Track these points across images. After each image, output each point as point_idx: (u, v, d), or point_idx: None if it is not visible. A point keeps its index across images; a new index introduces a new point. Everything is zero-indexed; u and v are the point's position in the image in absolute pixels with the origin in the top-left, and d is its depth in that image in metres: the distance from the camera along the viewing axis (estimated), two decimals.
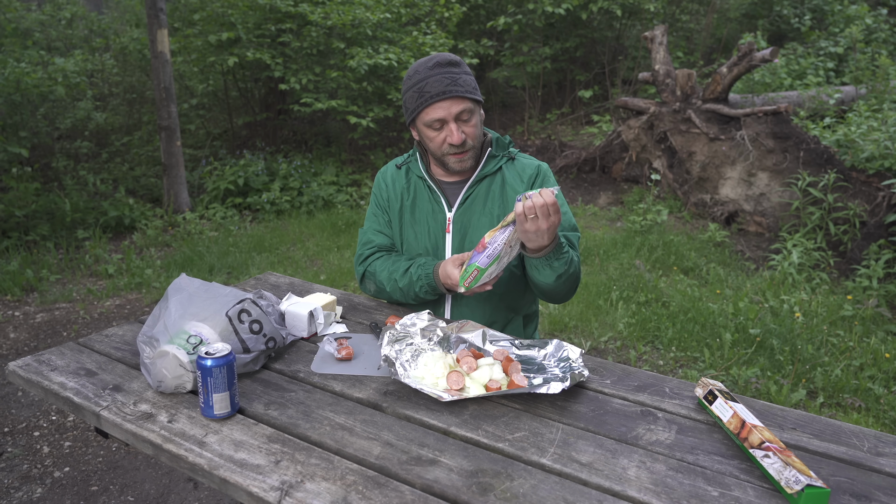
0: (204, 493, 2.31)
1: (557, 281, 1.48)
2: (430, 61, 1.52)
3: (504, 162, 1.65)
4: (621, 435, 1.10)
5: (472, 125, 1.54)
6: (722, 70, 5.66)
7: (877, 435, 1.13)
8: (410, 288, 1.59)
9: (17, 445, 2.59)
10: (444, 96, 1.48)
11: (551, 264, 1.43)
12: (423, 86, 1.50)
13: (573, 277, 1.52)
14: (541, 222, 1.30)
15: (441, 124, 1.52)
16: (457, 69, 1.51)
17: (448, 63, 1.51)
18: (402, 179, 1.71)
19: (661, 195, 5.94)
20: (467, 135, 1.54)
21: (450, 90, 1.48)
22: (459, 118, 1.52)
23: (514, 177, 1.64)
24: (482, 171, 1.63)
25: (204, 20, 6.74)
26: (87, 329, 3.70)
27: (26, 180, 5.60)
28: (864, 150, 4.84)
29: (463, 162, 1.58)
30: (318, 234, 5.49)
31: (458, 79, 1.50)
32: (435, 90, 1.49)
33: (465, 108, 1.51)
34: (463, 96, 1.50)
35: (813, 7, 9.44)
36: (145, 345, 1.23)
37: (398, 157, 1.77)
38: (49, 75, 5.87)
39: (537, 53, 8.53)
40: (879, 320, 3.53)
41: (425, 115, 1.52)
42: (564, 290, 1.55)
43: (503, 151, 1.67)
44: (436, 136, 1.54)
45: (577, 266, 1.53)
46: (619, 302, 3.90)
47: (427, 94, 1.50)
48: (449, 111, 1.50)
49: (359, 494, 0.93)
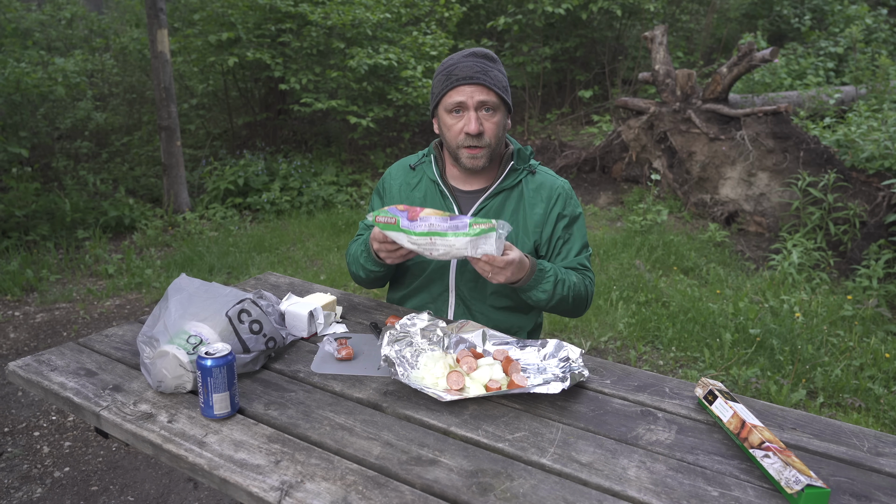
0: (204, 493, 2.31)
1: (550, 303, 1.48)
2: (467, 51, 1.50)
3: (524, 176, 1.59)
4: (621, 435, 1.10)
5: (493, 122, 1.49)
6: (722, 70, 5.66)
7: (877, 435, 1.13)
8: (359, 258, 1.59)
9: (17, 445, 2.59)
10: (469, 81, 1.45)
11: (529, 295, 1.45)
12: (453, 69, 1.47)
13: (572, 300, 1.50)
14: (490, 276, 1.34)
15: (462, 109, 1.47)
16: (490, 63, 1.49)
17: (483, 56, 1.49)
18: (412, 180, 1.65)
19: (661, 195, 5.94)
20: (486, 129, 1.48)
21: (477, 77, 1.45)
22: (481, 108, 1.47)
23: (532, 195, 1.58)
24: (501, 184, 1.57)
25: (204, 20, 6.74)
26: (87, 329, 3.70)
27: (26, 180, 5.60)
28: (864, 150, 4.84)
29: (475, 159, 1.50)
30: (318, 234, 5.49)
31: (489, 70, 1.47)
32: (462, 74, 1.45)
33: (489, 99, 1.46)
34: (490, 87, 1.46)
35: (813, 7, 9.44)
36: (145, 345, 1.23)
37: (411, 157, 1.71)
38: (49, 75, 5.87)
39: (537, 53, 8.53)
40: (879, 320, 3.53)
41: (448, 98, 1.48)
42: (564, 310, 1.54)
43: (524, 164, 1.61)
44: (454, 123, 1.49)
45: (579, 288, 1.51)
46: (619, 302, 3.90)
47: (454, 77, 1.46)
48: (472, 97, 1.45)
49: (359, 494, 0.93)
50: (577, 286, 1.51)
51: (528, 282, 1.42)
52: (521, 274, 1.38)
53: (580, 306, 1.56)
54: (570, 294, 1.49)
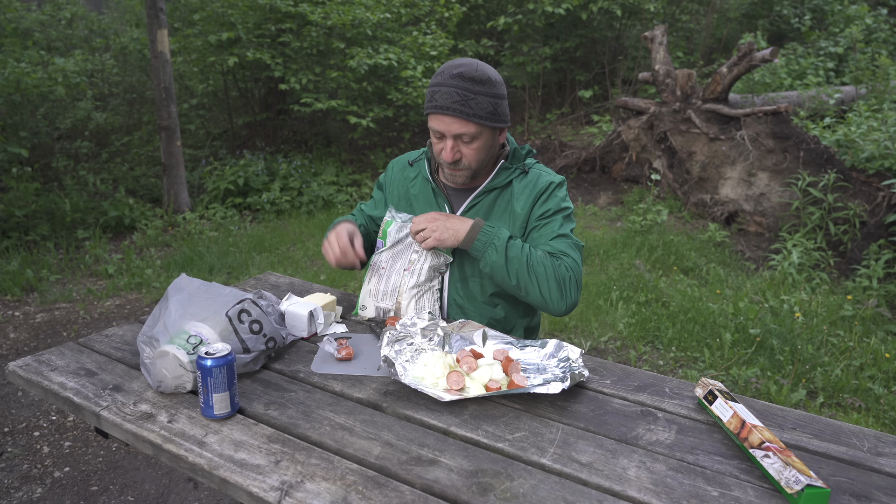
0: (204, 493, 2.31)
1: (512, 272, 1.43)
2: (456, 68, 1.42)
3: (516, 175, 1.58)
4: (621, 435, 1.10)
5: (472, 148, 1.46)
6: (722, 70, 5.66)
7: (877, 435, 1.13)
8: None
9: (17, 445, 2.59)
10: (446, 112, 1.41)
11: (486, 259, 1.46)
12: (435, 92, 1.43)
13: (545, 275, 1.43)
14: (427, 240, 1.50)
15: (440, 135, 1.47)
16: (475, 87, 1.41)
17: (470, 78, 1.41)
18: (410, 175, 1.69)
19: (661, 195, 5.94)
20: (464, 155, 1.47)
21: (454, 108, 1.41)
22: (459, 138, 1.45)
23: (522, 191, 1.56)
24: (491, 182, 1.57)
25: (204, 20, 6.74)
26: (87, 329, 3.70)
27: (26, 180, 5.60)
28: (864, 150, 4.84)
29: (455, 177, 1.53)
30: (318, 234, 5.49)
31: (470, 99, 1.40)
32: (441, 102, 1.41)
33: (465, 131, 1.43)
34: (467, 119, 1.41)
35: (813, 7, 9.43)
36: (145, 345, 1.23)
37: (412, 153, 1.73)
38: (49, 75, 5.87)
39: (537, 53, 8.53)
40: (879, 320, 3.53)
41: (429, 120, 1.48)
42: (542, 288, 1.44)
43: (517, 164, 1.59)
44: (436, 143, 1.51)
45: (545, 263, 1.44)
46: (619, 302, 3.90)
47: (433, 103, 1.44)
48: (448, 128, 1.43)
49: (359, 494, 0.93)
50: (544, 260, 1.44)
51: (476, 237, 1.46)
52: (456, 224, 1.48)
53: (561, 285, 1.44)
54: (537, 265, 1.43)
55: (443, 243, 1.48)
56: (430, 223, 1.48)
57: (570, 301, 1.46)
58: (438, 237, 1.47)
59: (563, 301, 1.45)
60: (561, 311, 1.48)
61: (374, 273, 1.58)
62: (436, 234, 1.47)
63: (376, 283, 1.57)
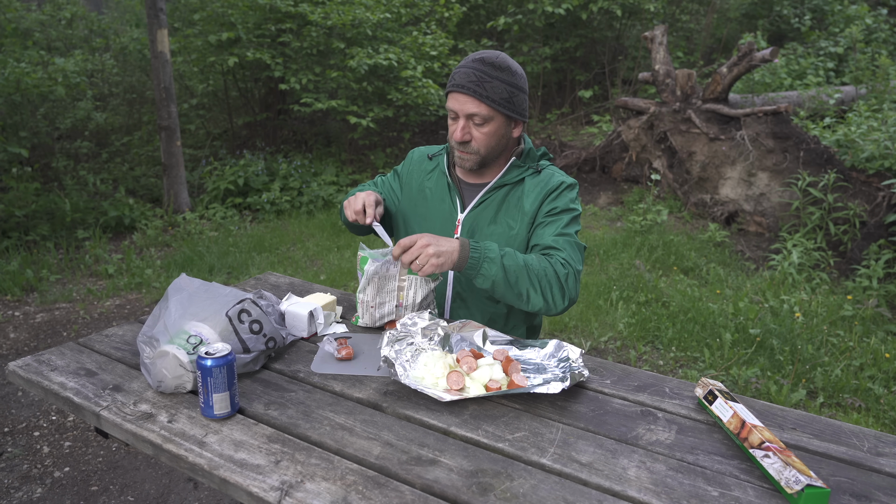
0: (204, 493, 2.31)
1: (509, 280, 1.39)
2: (479, 54, 1.47)
3: (529, 174, 1.58)
4: (621, 435, 1.10)
5: (483, 131, 1.48)
6: (722, 70, 5.66)
7: (877, 435, 1.13)
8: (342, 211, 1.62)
9: (17, 445, 2.59)
10: (461, 90, 1.45)
11: (482, 272, 1.38)
12: (456, 73, 1.48)
13: (536, 277, 1.40)
14: (422, 268, 1.37)
15: (455, 115, 1.49)
16: (493, 71, 1.44)
17: (490, 63, 1.45)
18: (428, 167, 1.70)
19: (661, 195, 5.94)
20: (474, 138, 1.49)
21: (469, 87, 1.44)
22: (471, 119, 1.47)
23: (532, 188, 1.56)
24: (501, 178, 1.58)
25: (204, 20, 6.74)
26: (87, 329, 3.70)
27: (26, 180, 5.60)
28: (864, 150, 4.84)
29: (463, 161, 1.53)
30: (318, 234, 5.49)
31: (486, 81, 1.43)
32: (458, 81, 1.45)
33: (477, 111, 1.45)
34: (480, 99, 1.44)
35: (813, 7, 9.44)
36: (145, 345, 1.23)
37: (433, 147, 1.75)
38: (49, 75, 5.87)
39: (537, 53, 8.53)
40: (879, 320, 3.53)
41: (448, 100, 1.51)
42: (535, 290, 1.41)
43: (531, 163, 1.60)
44: (451, 124, 1.53)
45: (532, 263, 1.40)
46: (619, 302, 3.90)
47: (451, 82, 1.48)
48: (461, 107, 1.46)
49: (359, 494, 0.93)
50: (541, 262, 1.42)
51: (468, 255, 1.37)
52: (446, 246, 1.35)
53: (561, 285, 1.42)
54: (536, 269, 1.40)
55: (441, 268, 1.37)
56: (423, 249, 1.35)
57: (570, 297, 1.45)
58: (436, 263, 1.35)
59: (564, 300, 1.45)
60: (562, 310, 1.47)
61: (364, 311, 1.50)
62: (433, 261, 1.34)
63: (370, 318, 1.51)
